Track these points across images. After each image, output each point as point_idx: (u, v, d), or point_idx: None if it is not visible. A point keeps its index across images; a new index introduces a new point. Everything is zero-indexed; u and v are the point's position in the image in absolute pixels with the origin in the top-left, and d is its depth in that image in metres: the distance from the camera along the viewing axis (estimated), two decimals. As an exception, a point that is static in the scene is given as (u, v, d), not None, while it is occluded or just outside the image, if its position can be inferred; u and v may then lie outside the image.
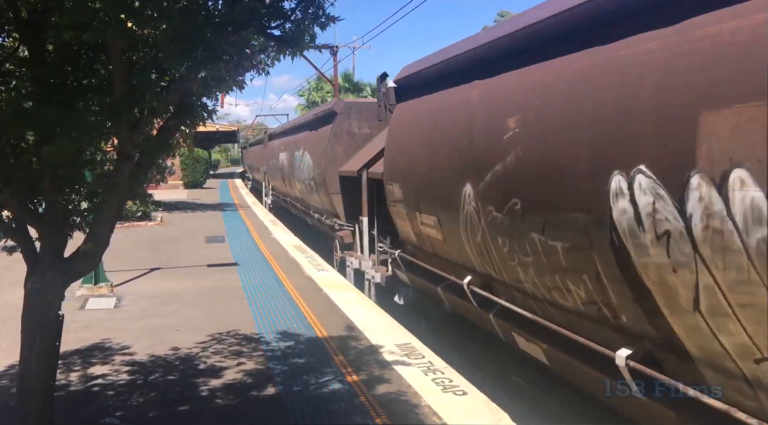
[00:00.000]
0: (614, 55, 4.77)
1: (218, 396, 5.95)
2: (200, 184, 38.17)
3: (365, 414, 5.49)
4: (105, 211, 4.20)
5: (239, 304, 9.61)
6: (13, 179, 4.05)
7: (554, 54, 5.57)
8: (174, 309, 9.36)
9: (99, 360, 7.00)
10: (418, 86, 9.03)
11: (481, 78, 6.93)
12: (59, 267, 4.24)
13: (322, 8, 3.76)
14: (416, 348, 7.26)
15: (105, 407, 5.71)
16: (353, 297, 10.15)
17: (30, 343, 4.23)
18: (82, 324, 8.36)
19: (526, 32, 6.01)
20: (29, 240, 4.35)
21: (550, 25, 5.62)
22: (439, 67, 8.22)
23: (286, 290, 10.60)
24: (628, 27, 4.66)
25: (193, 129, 4.74)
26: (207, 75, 3.82)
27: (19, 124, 3.60)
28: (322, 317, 8.76)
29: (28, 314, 4.25)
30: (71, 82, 3.95)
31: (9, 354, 6.81)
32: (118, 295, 10.14)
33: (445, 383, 6.14)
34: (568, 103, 5.26)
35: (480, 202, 6.63)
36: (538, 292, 5.97)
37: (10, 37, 4.06)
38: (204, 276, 11.97)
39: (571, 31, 5.38)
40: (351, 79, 45.98)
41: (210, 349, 7.35)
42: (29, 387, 4.23)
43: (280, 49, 3.93)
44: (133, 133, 3.93)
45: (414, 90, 9.19)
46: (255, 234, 17.91)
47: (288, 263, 13.27)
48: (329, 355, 7.09)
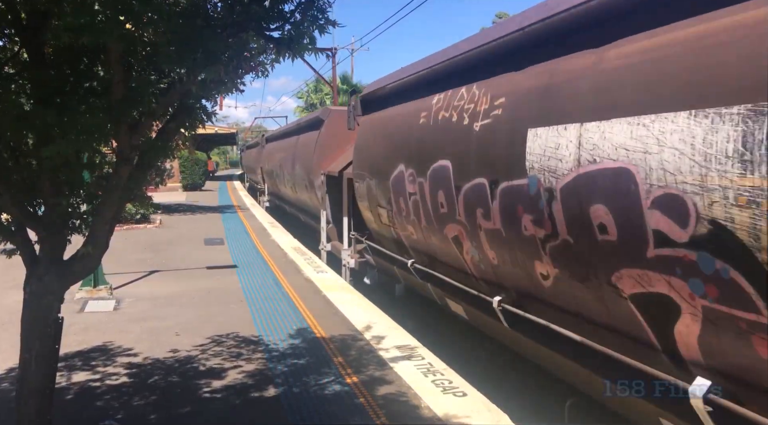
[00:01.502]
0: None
1: (218, 398, 5.95)
2: (199, 186, 38.18)
3: (365, 415, 5.49)
4: (104, 213, 4.20)
5: (238, 306, 9.61)
6: (12, 181, 4.05)
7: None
8: (173, 311, 9.36)
9: (98, 362, 6.99)
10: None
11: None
12: (58, 270, 4.24)
13: (322, 11, 3.77)
14: (416, 350, 7.26)
15: (104, 409, 5.70)
16: (352, 298, 10.14)
17: (29, 346, 4.23)
18: (82, 327, 8.36)
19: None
20: (28, 242, 4.34)
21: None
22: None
23: (285, 292, 10.60)
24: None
25: (193, 131, 4.74)
26: (206, 77, 3.83)
27: (18, 126, 3.60)
28: (321, 318, 8.76)
29: (27, 317, 4.24)
30: (70, 85, 3.94)
31: (8, 357, 6.81)
32: (117, 298, 10.13)
33: (445, 384, 6.14)
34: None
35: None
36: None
37: (9, 40, 4.06)
38: (203, 278, 11.96)
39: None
40: (349, 81, 46.06)
41: (209, 351, 7.35)
42: (28, 390, 4.22)
43: (279, 51, 3.94)
44: (132, 136, 3.93)
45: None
46: (254, 236, 17.90)
47: (287, 265, 13.27)
48: (329, 356, 7.10)
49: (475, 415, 5.43)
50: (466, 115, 6.75)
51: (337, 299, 9.93)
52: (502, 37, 6.26)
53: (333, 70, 31.47)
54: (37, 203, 4.32)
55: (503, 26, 6.86)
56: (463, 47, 7.28)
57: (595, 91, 4.72)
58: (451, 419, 5.38)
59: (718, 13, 3.80)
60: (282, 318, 8.89)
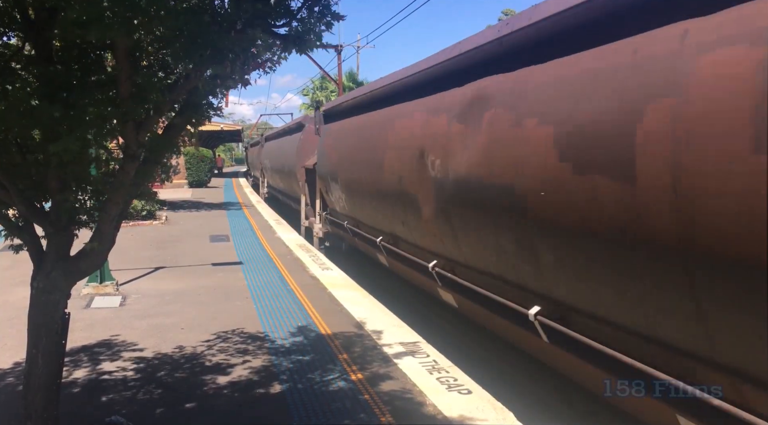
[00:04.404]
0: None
1: (224, 394, 5.96)
2: (204, 183, 38.25)
3: (370, 412, 5.49)
4: (110, 209, 4.21)
5: (244, 303, 9.63)
6: (19, 177, 4.06)
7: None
8: (179, 307, 9.38)
9: (104, 358, 7.02)
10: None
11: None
12: (65, 266, 4.25)
13: (328, 7, 3.76)
14: (421, 347, 7.26)
15: (111, 404, 5.72)
16: (357, 295, 10.15)
17: (36, 342, 4.24)
18: (88, 323, 8.39)
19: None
20: (35, 238, 4.36)
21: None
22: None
23: (291, 289, 10.62)
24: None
25: (199, 127, 4.75)
26: (213, 73, 3.83)
27: (25, 122, 3.60)
28: (326, 315, 8.78)
29: (33, 313, 4.26)
30: (77, 81, 3.95)
31: (15, 353, 6.84)
32: (123, 294, 10.17)
33: (450, 382, 6.14)
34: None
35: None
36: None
37: (16, 35, 4.07)
38: (208, 275, 11.99)
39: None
40: (355, 78, 46.01)
41: (215, 347, 7.37)
42: (35, 386, 4.24)
43: (285, 48, 3.93)
44: (138, 132, 3.93)
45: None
46: (259, 233, 17.94)
47: (292, 262, 13.29)
48: (334, 353, 7.10)
49: (480, 413, 5.43)
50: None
51: (342, 296, 9.94)
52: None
53: (339, 68, 31.45)
54: (44, 199, 4.33)
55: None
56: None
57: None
58: (456, 417, 5.37)
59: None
60: (287, 314, 8.91)
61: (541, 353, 6.18)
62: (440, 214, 7.44)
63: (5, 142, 3.93)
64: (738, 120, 3.25)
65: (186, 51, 3.50)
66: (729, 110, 3.31)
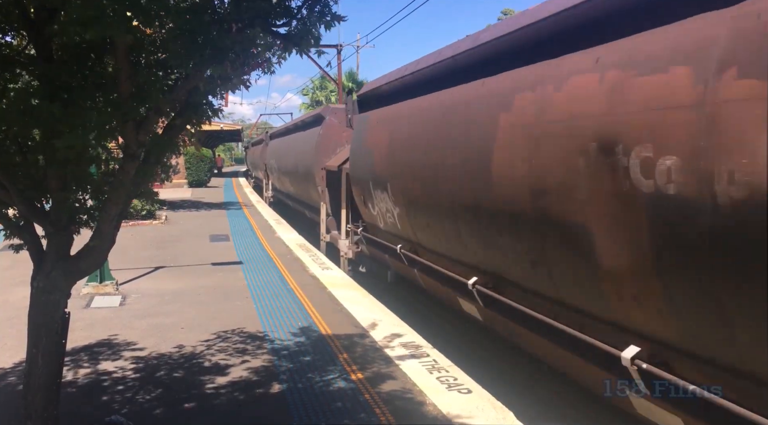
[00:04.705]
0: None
1: (223, 394, 5.96)
2: (204, 183, 38.24)
3: (370, 412, 5.49)
4: (110, 209, 4.21)
5: (244, 303, 9.63)
6: (19, 177, 4.06)
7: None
8: (178, 307, 9.38)
9: (104, 357, 7.02)
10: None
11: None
12: (65, 266, 4.25)
13: (328, 6, 3.76)
14: (421, 347, 7.26)
15: (110, 404, 5.72)
16: (357, 295, 10.15)
17: (36, 341, 4.24)
18: (88, 323, 8.39)
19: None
20: (35, 238, 4.36)
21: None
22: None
23: (291, 288, 10.62)
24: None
25: (199, 127, 4.75)
26: (213, 73, 3.82)
27: (25, 121, 3.60)
28: (326, 315, 8.77)
29: (33, 312, 4.26)
30: (77, 80, 3.95)
31: (15, 352, 6.84)
32: (122, 294, 10.17)
33: (450, 381, 6.14)
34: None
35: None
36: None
37: (17, 34, 4.07)
38: (208, 274, 11.99)
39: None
40: (355, 77, 46.01)
41: (215, 347, 7.37)
42: (35, 385, 4.24)
43: (285, 48, 3.93)
44: (138, 132, 3.93)
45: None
46: (259, 233, 17.93)
47: (292, 262, 13.28)
48: (334, 353, 7.10)
49: (480, 412, 5.43)
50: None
51: (342, 296, 9.94)
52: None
53: (338, 67, 31.45)
54: (44, 199, 4.33)
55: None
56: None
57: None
58: (455, 416, 5.37)
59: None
60: (287, 314, 8.91)
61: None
62: (671, 266, 4.08)
63: (5, 141, 3.94)
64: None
65: (186, 50, 3.49)
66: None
